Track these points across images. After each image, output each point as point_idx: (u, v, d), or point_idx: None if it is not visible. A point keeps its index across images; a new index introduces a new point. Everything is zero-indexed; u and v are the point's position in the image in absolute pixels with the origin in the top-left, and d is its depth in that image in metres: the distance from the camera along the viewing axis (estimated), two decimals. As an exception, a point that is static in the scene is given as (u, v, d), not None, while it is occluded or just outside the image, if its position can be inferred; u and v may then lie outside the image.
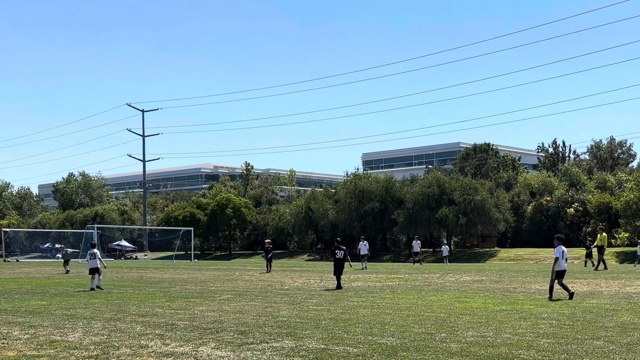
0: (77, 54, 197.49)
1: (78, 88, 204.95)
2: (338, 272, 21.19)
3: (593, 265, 32.61)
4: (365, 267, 36.62)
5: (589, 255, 36.14)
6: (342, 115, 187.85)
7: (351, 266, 28.83)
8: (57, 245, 66.45)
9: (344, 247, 21.73)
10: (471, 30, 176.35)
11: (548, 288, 16.89)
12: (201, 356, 9.12)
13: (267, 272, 32.74)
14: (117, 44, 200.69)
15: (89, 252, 21.94)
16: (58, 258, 36.38)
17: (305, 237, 73.44)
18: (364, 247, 37.93)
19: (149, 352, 9.54)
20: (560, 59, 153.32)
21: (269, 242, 35.16)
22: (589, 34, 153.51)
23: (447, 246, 48.71)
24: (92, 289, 21.29)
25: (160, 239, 79.71)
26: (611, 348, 9.30)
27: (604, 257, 31.96)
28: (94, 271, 21.40)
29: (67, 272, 35.55)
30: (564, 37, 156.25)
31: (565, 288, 16.43)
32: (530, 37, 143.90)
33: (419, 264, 44.52)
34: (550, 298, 16.30)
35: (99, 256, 21.72)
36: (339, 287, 20.96)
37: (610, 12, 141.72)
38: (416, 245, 45.72)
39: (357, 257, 39.37)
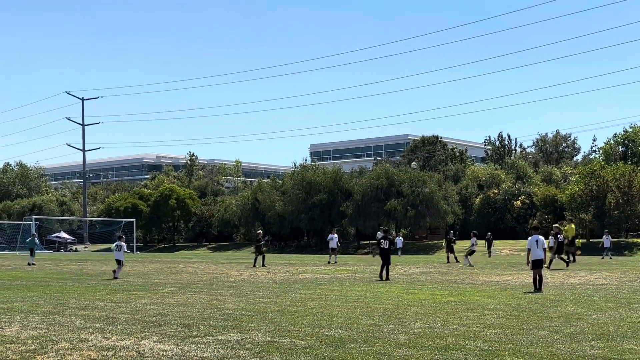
0: (13, 40, 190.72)
1: (15, 75, 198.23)
2: (385, 262, 20.90)
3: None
4: (336, 261, 33.67)
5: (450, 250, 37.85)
6: (290, 105, 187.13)
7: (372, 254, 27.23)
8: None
9: (391, 237, 21.53)
10: (421, 22, 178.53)
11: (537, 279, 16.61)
12: (143, 350, 8.90)
13: (262, 265, 30.38)
14: (56, 29, 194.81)
15: (115, 244, 23.86)
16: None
17: (252, 228, 72.86)
18: (334, 239, 34.95)
19: (89, 346, 9.28)
20: (506, 53, 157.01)
21: (260, 233, 32.73)
22: (535, 29, 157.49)
23: (401, 238, 48.33)
24: (115, 278, 22.75)
25: (101, 231, 77.85)
26: (555, 338, 9.46)
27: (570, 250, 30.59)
28: (119, 262, 23.27)
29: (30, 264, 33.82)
30: (510, 31, 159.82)
31: (534, 280, 16.28)
32: (478, 30, 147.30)
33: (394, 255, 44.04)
34: (541, 290, 16.11)
35: (125, 249, 23.83)
36: (384, 278, 20.62)
37: (555, 7, 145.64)
38: (380, 235, 45.31)
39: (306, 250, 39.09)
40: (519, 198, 59.14)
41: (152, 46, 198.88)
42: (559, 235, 26.89)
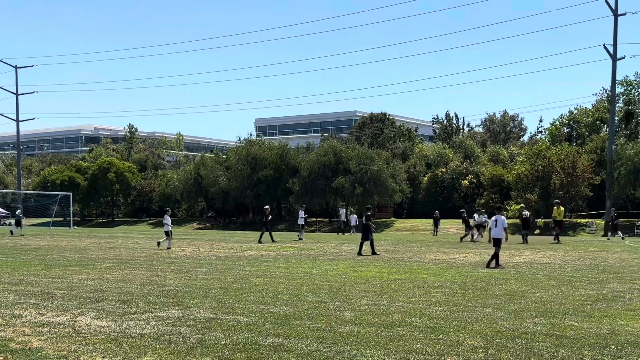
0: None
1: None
2: (364, 237, 22.34)
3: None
4: (301, 238, 34.52)
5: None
6: (235, 77, 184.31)
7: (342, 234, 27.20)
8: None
9: (370, 213, 23.16)
10: None
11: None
12: (80, 326, 8.67)
13: (259, 241, 30.75)
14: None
15: (165, 216, 26.10)
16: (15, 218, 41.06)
17: (195, 204, 72.01)
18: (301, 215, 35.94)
19: (23, 322, 9.02)
20: (456, 31, 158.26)
21: (267, 209, 32.75)
22: (484, 7, 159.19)
23: (355, 216, 46.44)
24: (168, 247, 24.99)
25: (36, 205, 75.40)
26: (500, 315, 9.54)
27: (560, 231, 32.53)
28: (167, 234, 25.61)
29: (18, 235, 37.70)
30: (459, 8, 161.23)
31: (497, 256, 17.15)
32: (428, 7, 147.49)
33: (348, 233, 42.81)
34: (489, 266, 17.04)
35: (168, 222, 25.75)
36: (359, 252, 22.15)
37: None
38: (343, 213, 44.46)
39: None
40: (467, 177, 59.82)
41: (91, 14, 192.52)
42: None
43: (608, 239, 35.03)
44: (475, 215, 33.26)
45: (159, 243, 26.18)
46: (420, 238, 38.04)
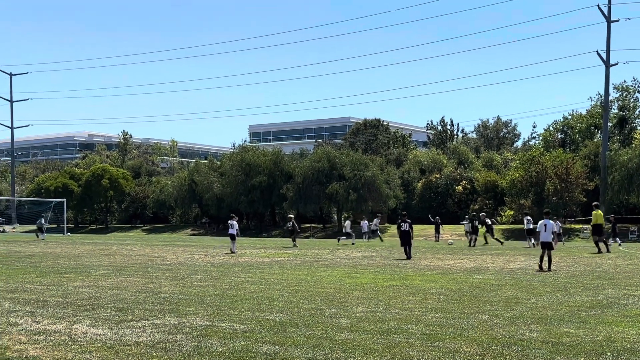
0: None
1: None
2: (404, 243, 23.15)
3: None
4: (353, 242, 37.03)
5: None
6: (229, 84, 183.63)
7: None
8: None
9: (409, 220, 23.48)
10: (365, 3, 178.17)
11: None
12: (75, 334, 8.60)
13: (293, 245, 32.67)
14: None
15: (229, 222, 28.00)
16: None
17: (189, 210, 71.81)
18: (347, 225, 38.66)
19: (19, 330, 8.94)
20: (450, 37, 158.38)
21: (291, 217, 34.91)
22: (478, 14, 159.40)
23: (366, 222, 44.99)
24: (232, 252, 26.36)
25: (30, 211, 75.05)
26: (495, 322, 9.54)
27: (602, 238, 27.35)
28: (232, 237, 27.17)
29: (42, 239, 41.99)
30: (454, 15, 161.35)
31: (541, 259, 18.06)
32: (423, 13, 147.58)
33: (366, 240, 42.73)
34: (548, 269, 17.83)
35: (236, 227, 27.41)
36: (408, 257, 22.73)
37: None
38: (365, 225, 44.01)
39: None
40: (461, 183, 59.78)
41: (83, 21, 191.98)
42: (487, 220, 34.56)
43: (619, 245, 33.22)
44: (529, 220, 33.72)
45: (231, 250, 26.91)
46: (414, 244, 37.88)
